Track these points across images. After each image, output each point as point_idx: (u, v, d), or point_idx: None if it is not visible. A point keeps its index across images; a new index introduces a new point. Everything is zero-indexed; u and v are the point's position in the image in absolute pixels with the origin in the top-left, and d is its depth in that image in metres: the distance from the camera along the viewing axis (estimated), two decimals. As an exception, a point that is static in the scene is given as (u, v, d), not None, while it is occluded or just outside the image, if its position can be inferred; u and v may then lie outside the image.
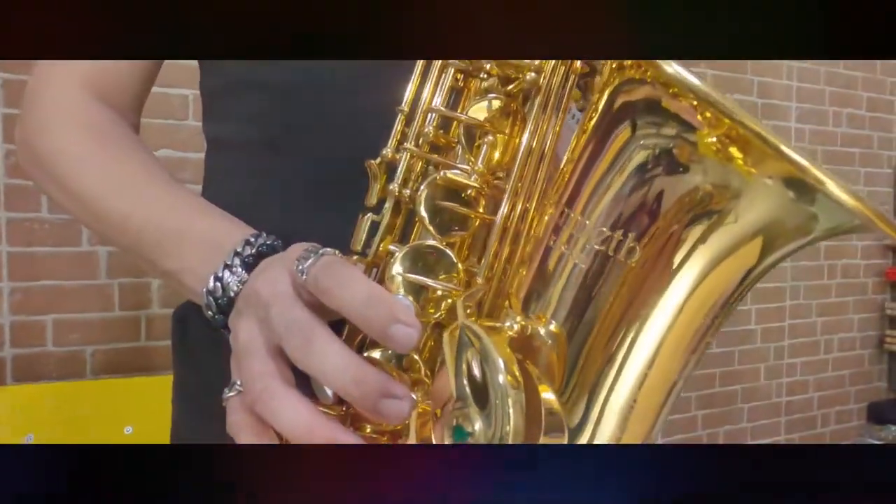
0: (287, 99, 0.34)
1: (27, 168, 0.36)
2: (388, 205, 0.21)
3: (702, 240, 0.16)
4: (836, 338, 1.60)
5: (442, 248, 0.19)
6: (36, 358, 0.86)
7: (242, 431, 0.20)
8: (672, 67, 0.15)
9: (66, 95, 0.35)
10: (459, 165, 0.20)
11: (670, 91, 0.15)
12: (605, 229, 0.17)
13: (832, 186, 0.13)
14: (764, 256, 0.17)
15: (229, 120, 0.37)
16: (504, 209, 0.19)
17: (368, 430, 0.20)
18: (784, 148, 0.14)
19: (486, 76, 0.22)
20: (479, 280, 0.19)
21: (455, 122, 0.22)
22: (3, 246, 0.85)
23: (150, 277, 0.92)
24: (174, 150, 0.94)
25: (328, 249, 0.20)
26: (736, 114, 0.14)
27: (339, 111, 0.32)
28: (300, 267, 0.20)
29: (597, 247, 0.17)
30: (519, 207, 0.20)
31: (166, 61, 0.38)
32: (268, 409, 0.18)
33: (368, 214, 0.22)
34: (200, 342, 0.35)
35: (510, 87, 0.21)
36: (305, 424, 0.18)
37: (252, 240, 0.27)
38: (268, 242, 0.28)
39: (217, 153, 0.38)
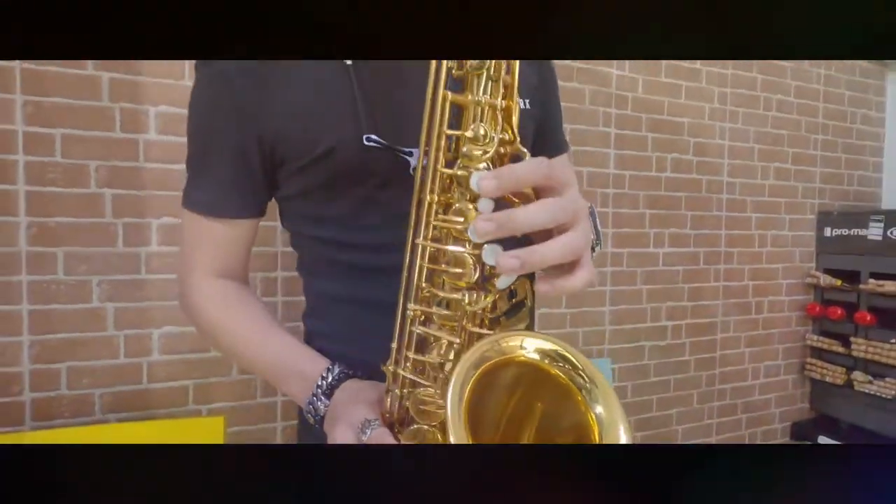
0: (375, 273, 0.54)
1: (191, 321, 0.59)
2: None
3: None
4: (763, 365, 1.80)
5: None
6: (52, 401, 1.00)
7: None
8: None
9: (205, 281, 0.57)
10: None
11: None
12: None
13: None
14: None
15: (332, 279, 0.59)
16: None
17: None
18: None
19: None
20: None
21: None
22: (25, 304, 0.98)
23: (151, 328, 1.07)
24: (172, 217, 1.08)
25: (377, 422, 0.41)
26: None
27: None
28: (362, 436, 0.40)
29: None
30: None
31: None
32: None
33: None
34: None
35: None
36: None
37: (325, 374, 0.49)
38: (338, 371, 0.49)
39: (321, 301, 0.61)
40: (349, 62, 0.51)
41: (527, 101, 0.59)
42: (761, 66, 1.71)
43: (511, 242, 0.38)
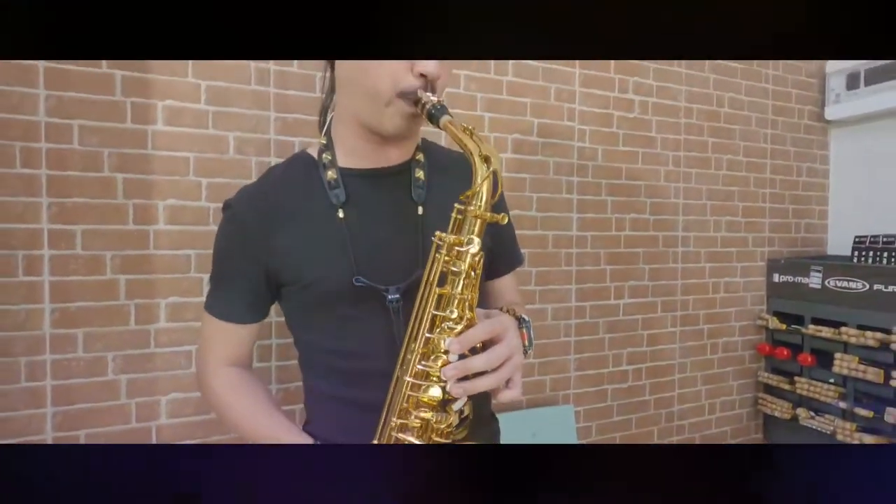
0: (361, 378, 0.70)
1: (205, 400, 0.76)
2: None
3: None
4: (718, 401, 1.96)
5: None
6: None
7: None
8: None
9: (220, 369, 0.73)
10: None
11: None
12: None
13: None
14: None
15: (320, 378, 0.74)
16: None
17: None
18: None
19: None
20: None
21: None
22: (49, 381, 1.12)
23: (159, 395, 1.20)
24: (177, 199, 1.22)
25: None
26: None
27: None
28: None
29: None
30: None
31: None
32: None
33: None
34: None
35: None
36: None
37: None
38: None
39: (315, 400, 0.77)
40: (341, 215, 0.68)
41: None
42: (711, 130, 1.88)
43: None
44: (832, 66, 2.07)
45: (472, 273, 0.58)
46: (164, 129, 1.20)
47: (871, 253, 1.76)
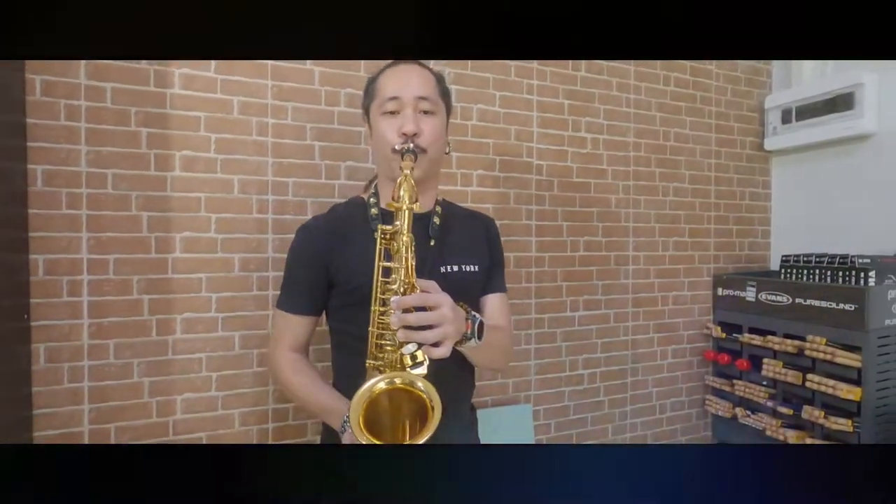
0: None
1: (274, 380, 1.22)
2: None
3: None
4: (669, 402, 2.20)
5: None
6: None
7: None
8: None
9: (285, 354, 1.04)
10: None
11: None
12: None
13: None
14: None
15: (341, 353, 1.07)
16: None
17: None
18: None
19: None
20: None
21: None
22: (86, 382, 1.36)
23: (175, 395, 1.45)
24: (192, 232, 1.46)
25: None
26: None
27: None
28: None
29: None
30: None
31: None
32: None
33: None
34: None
35: None
36: None
37: (349, 413, 0.88)
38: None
39: (340, 369, 1.09)
40: (378, 237, 0.96)
41: (476, 266, 1.04)
42: (658, 161, 2.13)
43: None
44: (770, 101, 2.32)
45: (405, 249, 0.85)
46: (181, 175, 1.45)
47: (794, 270, 2.00)
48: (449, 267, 1.03)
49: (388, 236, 0.87)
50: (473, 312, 0.94)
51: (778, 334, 1.95)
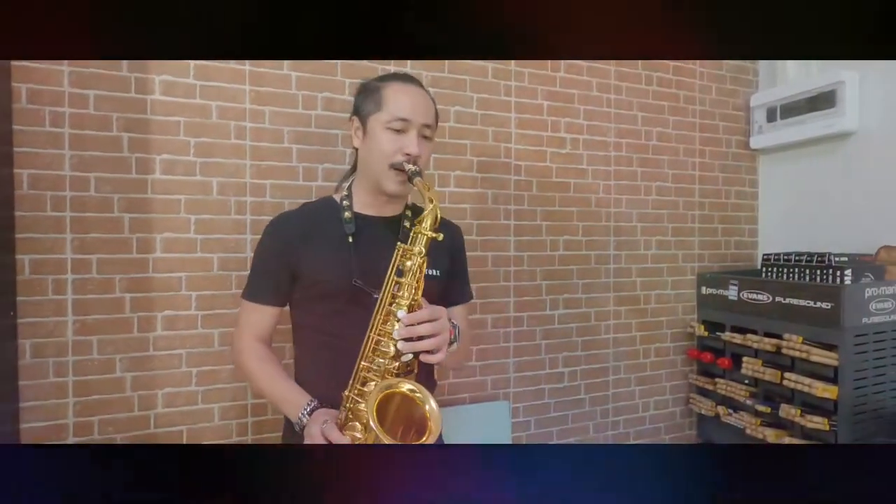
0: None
1: (237, 367, 1.15)
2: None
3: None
4: (652, 400, 2.20)
5: None
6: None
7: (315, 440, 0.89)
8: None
9: (248, 342, 1.08)
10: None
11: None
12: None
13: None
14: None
15: (305, 349, 1.11)
16: None
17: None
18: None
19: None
20: None
21: None
22: (70, 377, 1.42)
23: (157, 390, 1.50)
24: (171, 232, 1.52)
25: (330, 422, 0.90)
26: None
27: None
28: (323, 427, 0.89)
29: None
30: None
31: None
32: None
33: None
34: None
35: None
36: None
37: (307, 405, 0.98)
38: (314, 405, 0.98)
39: (301, 366, 1.12)
40: (350, 240, 1.03)
41: (437, 271, 1.09)
42: (640, 160, 2.15)
43: None
44: (755, 100, 2.31)
45: (418, 270, 0.92)
46: (161, 178, 1.51)
47: (775, 269, 2.00)
48: None
49: (404, 254, 0.94)
50: (453, 321, 1.01)
51: (759, 333, 1.95)
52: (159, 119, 1.50)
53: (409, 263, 0.92)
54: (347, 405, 0.93)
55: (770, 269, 2.02)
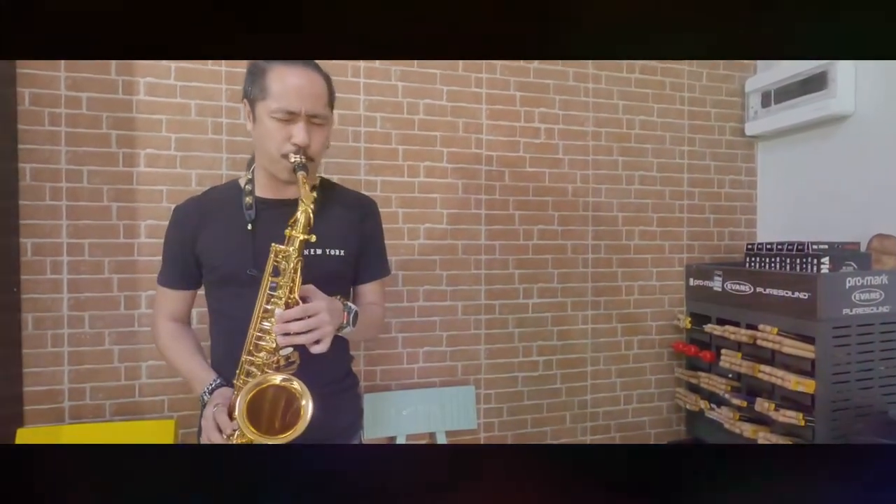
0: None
1: (157, 348, 1.17)
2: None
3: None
4: (635, 393, 2.17)
5: None
6: (80, 406, 1.61)
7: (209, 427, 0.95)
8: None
9: (163, 323, 1.14)
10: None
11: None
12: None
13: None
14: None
15: (216, 329, 1.14)
16: None
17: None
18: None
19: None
20: None
21: None
22: (66, 347, 1.60)
23: (141, 362, 1.66)
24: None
25: (221, 406, 0.96)
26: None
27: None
28: (214, 410, 0.95)
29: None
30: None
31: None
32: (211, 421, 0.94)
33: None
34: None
35: None
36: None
37: (212, 382, 1.05)
38: (218, 382, 1.05)
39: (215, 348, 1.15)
40: (249, 227, 1.05)
41: (341, 251, 1.10)
42: (621, 149, 2.12)
43: None
44: (750, 84, 2.22)
45: (293, 271, 0.92)
46: (145, 170, 1.67)
47: (757, 259, 1.92)
48: (312, 250, 1.03)
49: (276, 255, 0.94)
50: (349, 304, 1.00)
51: (742, 325, 1.88)
52: (143, 117, 1.66)
53: (283, 264, 0.92)
54: (237, 393, 0.95)
55: (753, 259, 1.94)
